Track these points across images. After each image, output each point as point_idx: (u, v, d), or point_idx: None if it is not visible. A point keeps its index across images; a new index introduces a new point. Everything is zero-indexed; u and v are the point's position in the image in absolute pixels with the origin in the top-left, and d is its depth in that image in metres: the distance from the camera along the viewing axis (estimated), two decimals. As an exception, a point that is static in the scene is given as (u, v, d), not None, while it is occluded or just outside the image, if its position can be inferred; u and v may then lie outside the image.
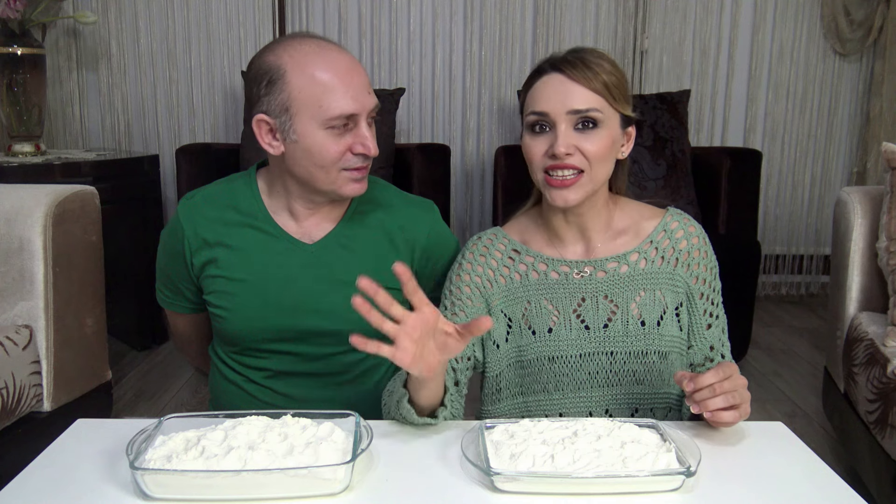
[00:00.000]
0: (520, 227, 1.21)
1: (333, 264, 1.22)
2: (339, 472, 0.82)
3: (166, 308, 1.36)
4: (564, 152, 1.05)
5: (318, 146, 1.12)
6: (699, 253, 1.15)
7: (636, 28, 3.38)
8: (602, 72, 1.06)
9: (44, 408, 1.70)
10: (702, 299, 1.15)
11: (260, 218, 1.23)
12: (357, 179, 1.16)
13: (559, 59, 1.09)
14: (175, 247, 1.25)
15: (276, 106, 1.12)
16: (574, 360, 1.13)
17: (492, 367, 1.17)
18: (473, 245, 1.20)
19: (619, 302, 1.13)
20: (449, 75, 3.39)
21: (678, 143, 2.90)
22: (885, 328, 1.73)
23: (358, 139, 1.13)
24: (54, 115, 3.35)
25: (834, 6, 3.36)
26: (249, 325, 1.22)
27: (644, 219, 1.18)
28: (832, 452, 2.08)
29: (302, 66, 1.10)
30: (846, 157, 3.58)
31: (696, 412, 0.95)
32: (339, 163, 1.13)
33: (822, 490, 0.86)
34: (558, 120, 1.06)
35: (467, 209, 3.49)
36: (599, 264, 1.15)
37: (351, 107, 1.11)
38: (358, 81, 1.13)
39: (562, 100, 1.06)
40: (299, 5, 3.32)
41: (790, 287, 3.68)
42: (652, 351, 1.12)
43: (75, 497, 0.83)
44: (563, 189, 1.07)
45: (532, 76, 1.12)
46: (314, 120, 1.10)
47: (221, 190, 1.27)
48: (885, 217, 1.80)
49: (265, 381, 1.27)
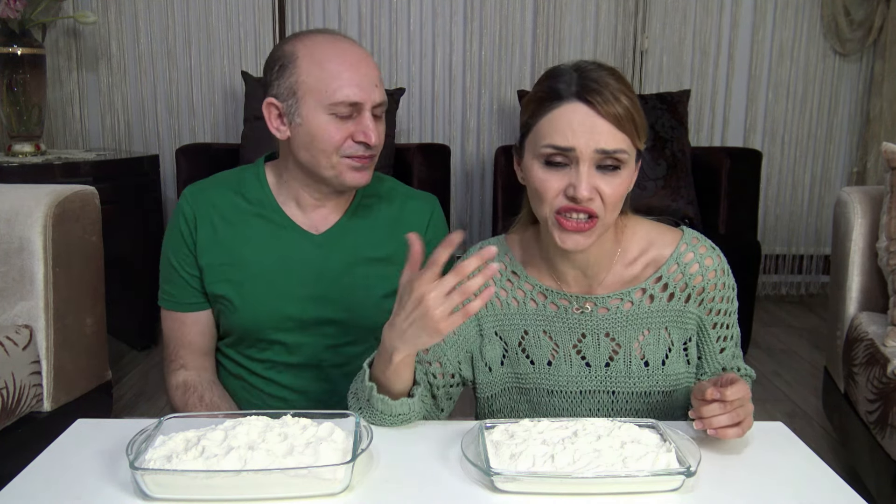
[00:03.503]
0: (522, 244, 1.13)
1: (339, 255, 1.24)
2: (339, 472, 0.82)
3: (171, 309, 1.28)
4: (587, 196, 0.95)
5: (321, 130, 1.14)
6: (715, 287, 1.07)
7: (636, 28, 3.38)
8: (628, 103, 0.96)
9: (44, 408, 1.70)
10: (715, 329, 1.09)
11: (268, 207, 1.25)
12: (358, 168, 1.17)
13: (583, 87, 0.95)
14: (179, 231, 1.25)
15: (284, 89, 1.16)
16: (574, 395, 1.09)
17: (483, 389, 1.13)
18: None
19: (622, 341, 1.07)
20: (449, 75, 3.39)
21: (678, 143, 2.90)
22: (885, 328, 1.73)
23: (360, 128, 1.15)
24: (54, 115, 3.35)
25: (834, 6, 3.36)
26: (256, 313, 1.22)
27: (655, 246, 1.08)
28: (832, 452, 2.08)
29: (312, 53, 1.15)
30: (846, 157, 3.58)
31: (700, 428, 0.93)
32: (341, 149, 1.15)
33: (822, 490, 0.86)
34: (583, 158, 0.95)
35: (467, 209, 3.49)
36: (601, 301, 1.07)
37: (355, 95, 1.13)
38: (366, 73, 1.15)
39: (588, 136, 0.94)
40: (299, 5, 3.31)
41: (790, 287, 3.68)
42: (656, 391, 1.08)
43: (75, 497, 0.83)
44: (577, 234, 0.97)
45: (548, 98, 0.98)
46: (319, 104, 1.14)
47: (229, 178, 1.28)
48: (885, 217, 1.80)
49: (268, 372, 1.27)
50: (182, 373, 1.28)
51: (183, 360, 1.29)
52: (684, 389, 1.09)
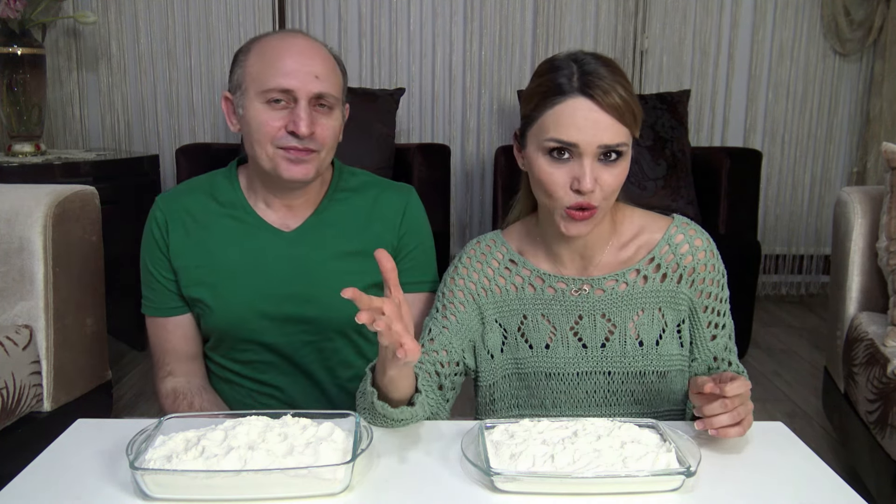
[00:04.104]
0: (519, 235, 1.17)
1: (311, 251, 1.23)
2: (339, 472, 0.82)
3: (153, 315, 1.28)
4: (591, 189, 0.99)
5: (255, 119, 1.15)
6: (705, 268, 1.11)
7: (636, 28, 3.38)
8: (625, 93, 0.99)
9: (44, 408, 1.70)
10: (706, 312, 1.12)
11: (239, 208, 1.25)
12: (293, 160, 1.15)
13: (586, 81, 0.99)
14: (152, 236, 1.26)
15: (234, 83, 1.19)
16: (571, 378, 1.12)
17: (485, 377, 1.15)
18: (472, 250, 1.18)
19: (617, 321, 1.11)
20: (449, 75, 3.39)
21: (678, 143, 2.90)
22: (885, 328, 1.73)
23: (292, 117, 1.14)
24: (54, 115, 3.35)
25: (834, 6, 3.36)
26: (232, 314, 1.22)
27: (647, 230, 1.13)
28: (832, 452, 2.08)
29: (262, 47, 1.17)
30: (846, 157, 3.58)
31: (701, 428, 0.93)
32: (274, 139, 1.15)
33: (822, 490, 0.86)
34: (586, 153, 0.99)
35: (467, 209, 3.49)
36: (597, 282, 1.11)
37: (287, 82, 1.13)
38: (305, 63, 1.14)
39: (593, 132, 0.98)
40: (299, 5, 3.32)
41: (790, 287, 3.68)
42: (650, 371, 1.10)
43: (75, 497, 0.83)
44: (581, 222, 1.02)
45: (550, 93, 1.01)
46: (256, 93, 1.14)
47: (202, 182, 1.29)
48: (885, 217, 1.80)
49: (253, 373, 1.28)
50: (170, 380, 1.27)
51: (170, 366, 1.28)
52: (678, 372, 1.12)
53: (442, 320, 1.15)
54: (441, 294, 1.18)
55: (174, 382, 1.27)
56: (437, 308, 1.17)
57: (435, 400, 1.09)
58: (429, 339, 1.13)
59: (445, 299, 1.16)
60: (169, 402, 1.25)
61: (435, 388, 1.10)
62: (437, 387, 1.11)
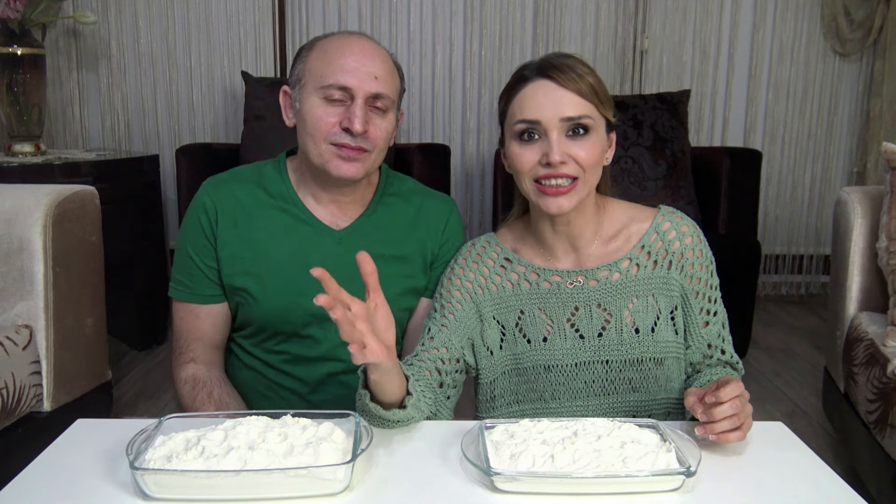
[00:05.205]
0: (513, 235, 1.21)
1: (360, 251, 1.23)
2: (339, 472, 0.82)
3: (184, 300, 1.27)
4: (559, 160, 1.03)
5: (311, 113, 1.16)
6: (693, 253, 1.14)
7: (636, 28, 3.38)
8: (591, 80, 1.05)
9: (44, 408, 1.70)
10: (697, 298, 1.14)
11: (289, 201, 1.26)
12: (344, 158, 1.16)
13: (545, 65, 1.06)
14: (198, 222, 1.24)
15: (294, 78, 1.21)
16: (570, 369, 1.13)
17: (486, 374, 1.17)
18: (467, 252, 1.21)
19: (613, 310, 1.13)
20: (449, 75, 3.39)
21: (678, 143, 2.90)
22: (885, 328, 1.73)
23: (348, 114, 1.15)
24: (54, 115, 3.35)
25: (834, 6, 3.36)
26: (277, 306, 1.23)
27: (635, 221, 1.16)
28: (832, 452, 2.08)
29: (323, 44, 1.19)
30: (846, 157, 3.58)
31: (702, 434, 0.93)
32: (328, 135, 1.15)
33: (822, 490, 0.86)
34: (550, 128, 1.04)
35: (467, 209, 3.49)
36: (591, 273, 1.14)
37: (346, 80, 1.14)
38: (365, 63, 1.16)
39: (553, 107, 1.04)
40: (299, 5, 3.32)
41: (790, 287, 3.69)
42: (647, 358, 1.12)
43: (75, 497, 0.83)
44: (559, 196, 1.05)
45: (515, 83, 1.09)
46: (314, 88, 1.16)
47: (249, 172, 1.29)
48: (885, 217, 1.80)
49: (284, 365, 1.28)
50: (191, 366, 1.27)
51: (194, 352, 1.28)
52: (674, 360, 1.13)
53: (441, 319, 1.16)
54: (439, 295, 1.20)
55: (195, 369, 1.27)
56: (435, 309, 1.19)
57: (434, 399, 1.10)
58: (428, 337, 1.15)
59: (443, 300, 1.18)
60: (187, 389, 1.25)
61: (435, 386, 1.11)
62: (437, 385, 1.12)
